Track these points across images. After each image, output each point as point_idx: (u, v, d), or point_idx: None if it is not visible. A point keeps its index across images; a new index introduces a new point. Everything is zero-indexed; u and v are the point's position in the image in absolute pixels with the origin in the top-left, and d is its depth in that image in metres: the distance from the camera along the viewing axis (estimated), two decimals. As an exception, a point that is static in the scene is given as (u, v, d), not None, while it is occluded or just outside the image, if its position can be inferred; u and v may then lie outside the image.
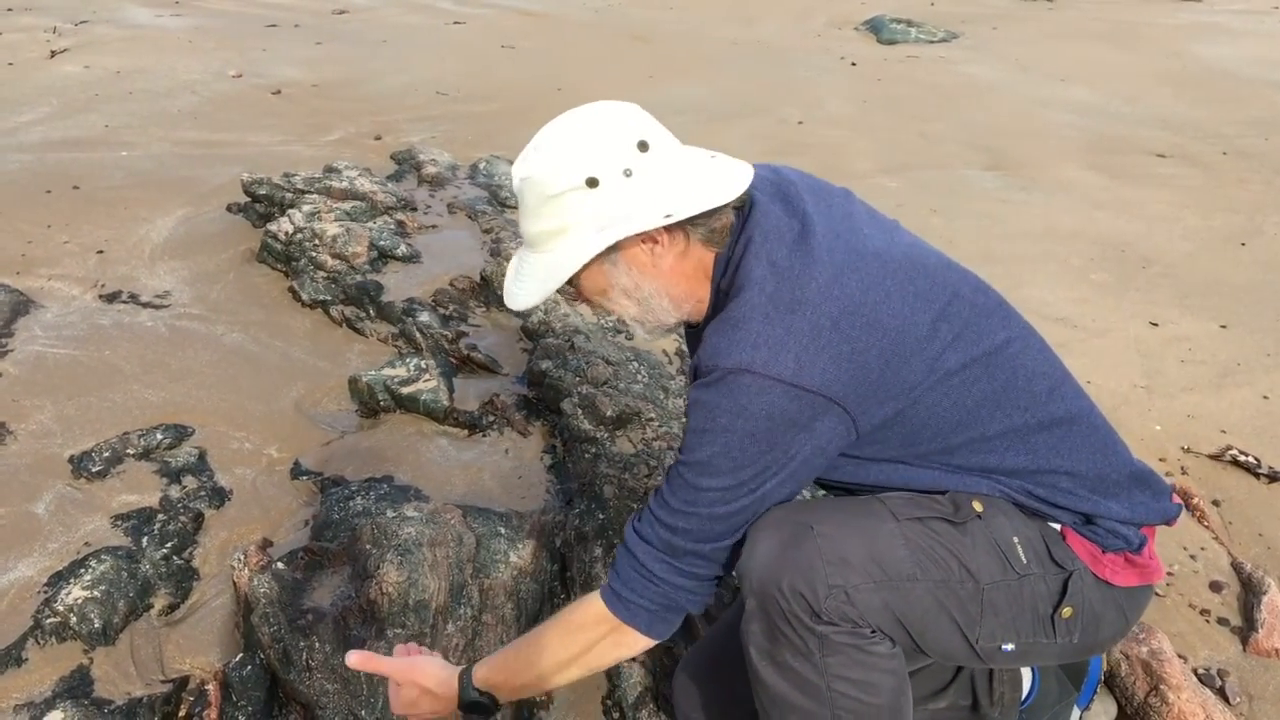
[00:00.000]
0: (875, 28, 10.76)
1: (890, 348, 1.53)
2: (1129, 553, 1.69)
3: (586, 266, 1.61)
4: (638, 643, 1.71)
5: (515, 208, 4.81)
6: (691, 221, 1.59)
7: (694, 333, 1.78)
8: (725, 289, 1.64)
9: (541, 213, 1.59)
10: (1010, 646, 1.66)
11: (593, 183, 1.53)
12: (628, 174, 1.54)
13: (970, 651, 1.65)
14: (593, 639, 1.71)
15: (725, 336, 1.53)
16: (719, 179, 1.59)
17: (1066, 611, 1.65)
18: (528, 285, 1.65)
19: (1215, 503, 3.07)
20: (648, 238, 1.59)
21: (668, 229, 1.58)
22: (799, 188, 1.71)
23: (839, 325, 1.51)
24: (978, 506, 1.64)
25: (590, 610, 1.71)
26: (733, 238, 1.64)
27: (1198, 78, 8.91)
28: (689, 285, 1.67)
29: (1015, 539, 1.64)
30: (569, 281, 1.65)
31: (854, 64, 9.30)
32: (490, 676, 1.78)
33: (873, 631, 1.57)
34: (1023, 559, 1.63)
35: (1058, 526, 1.69)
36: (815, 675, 1.56)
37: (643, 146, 1.56)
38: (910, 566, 1.57)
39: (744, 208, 1.65)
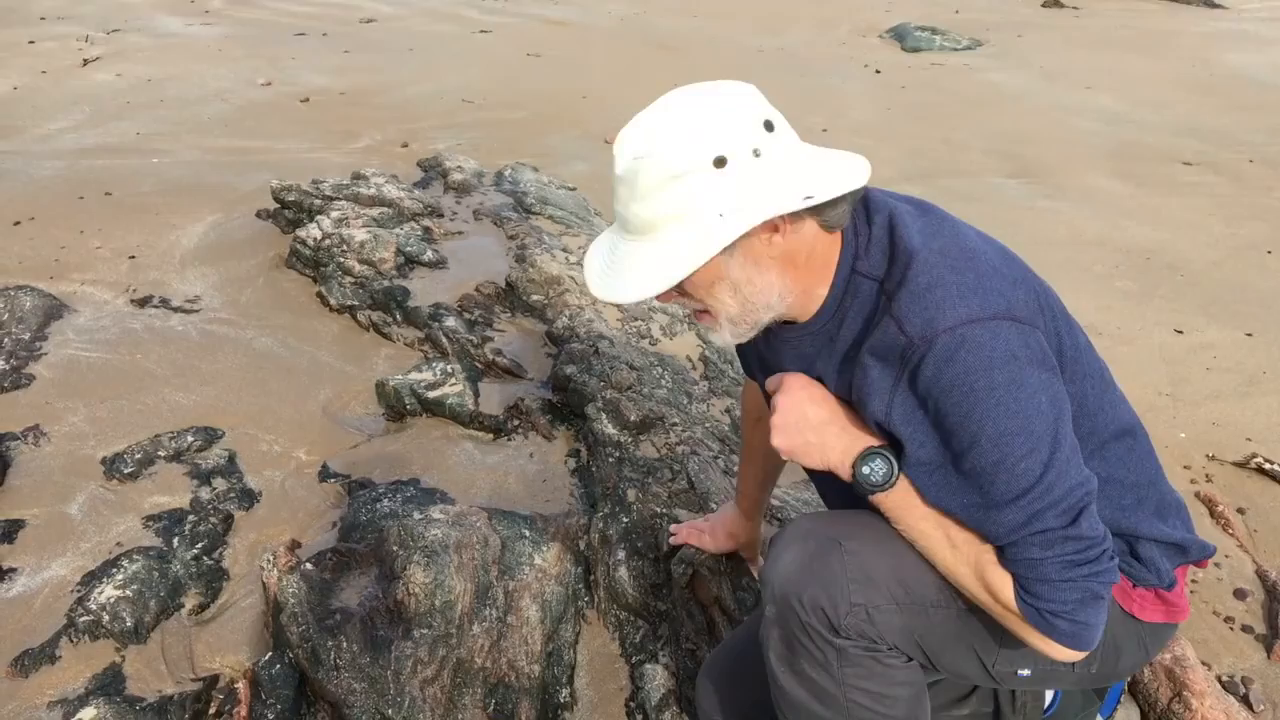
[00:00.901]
0: (900, 36, 10.77)
1: (1039, 301, 1.50)
2: (1160, 589, 1.67)
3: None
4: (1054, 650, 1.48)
5: (540, 213, 4.84)
6: (820, 208, 1.46)
7: (791, 332, 1.64)
8: (867, 272, 1.52)
9: (658, 196, 1.42)
10: (1026, 672, 1.66)
11: (720, 162, 1.39)
12: (756, 154, 1.41)
13: (985, 675, 1.65)
14: (1005, 616, 1.49)
15: (926, 301, 1.41)
16: (842, 162, 1.48)
17: None
18: (636, 276, 1.45)
19: (1240, 510, 3.06)
20: (769, 225, 1.44)
21: (792, 215, 1.44)
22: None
23: (1004, 269, 1.48)
24: None
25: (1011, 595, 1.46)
26: (858, 221, 1.55)
27: (1225, 85, 8.87)
28: (801, 275, 1.53)
29: None
30: None
31: (878, 72, 9.31)
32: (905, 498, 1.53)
33: (890, 648, 1.56)
34: None
35: None
36: (832, 685, 1.56)
37: (768, 126, 1.43)
38: (935, 593, 1.56)
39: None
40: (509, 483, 2.97)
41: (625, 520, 2.59)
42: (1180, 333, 4.22)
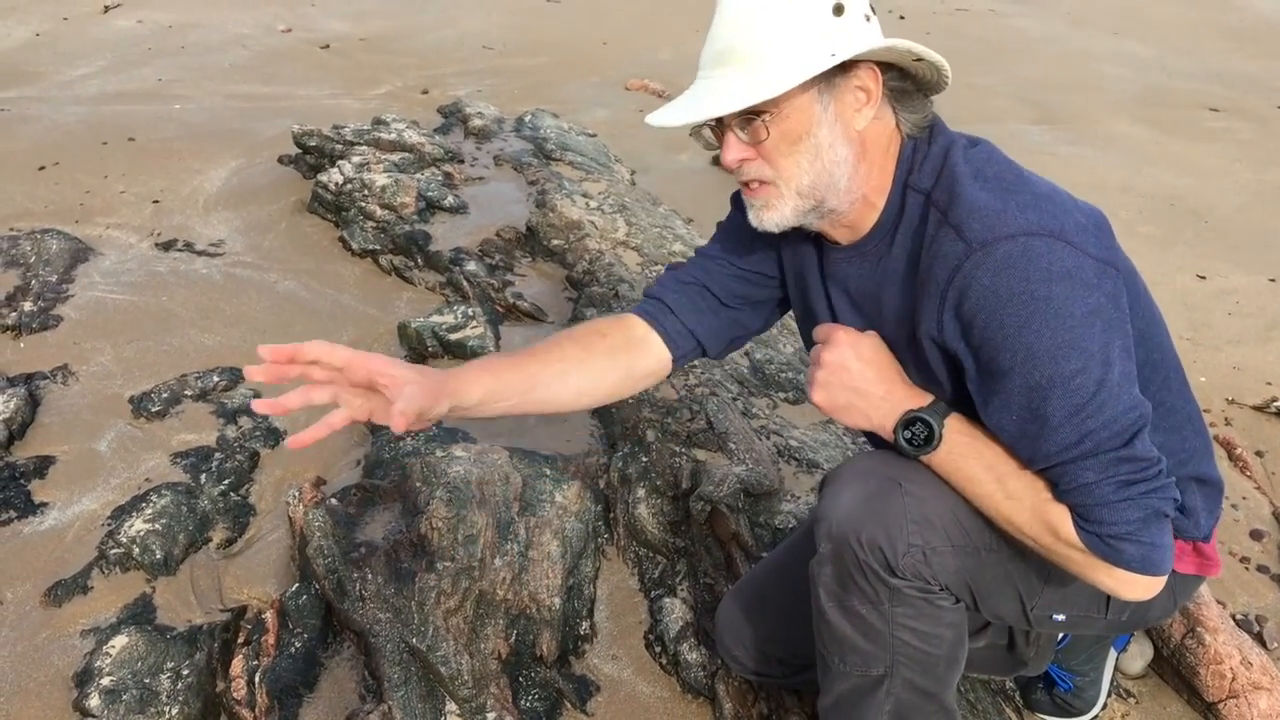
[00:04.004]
0: (924, -19, 10.61)
1: (1093, 228, 1.48)
2: (1199, 541, 1.69)
3: (802, 92, 1.45)
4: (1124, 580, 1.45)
5: (560, 159, 4.84)
6: (904, 98, 1.53)
7: (841, 253, 1.65)
8: (916, 185, 1.53)
9: (774, 21, 1.43)
10: (1061, 617, 1.68)
11: (839, 10, 1.44)
12: (867, 19, 1.48)
13: (1023, 618, 1.67)
14: (1071, 557, 1.47)
15: (986, 210, 1.42)
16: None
17: None
18: (729, 90, 1.44)
19: (1259, 453, 3.07)
20: (864, 86, 1.49)
21: (883, 90, 1.49)
22: None
23: (1055, 196, 1.48)
24: None
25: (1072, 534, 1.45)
26: (919, 140, 1.56)
27: (1254, 31, 8.73)
28: (874, 167, 1.55)
29: None
30: (759, 115, 1.46)
31: (902, 17, 9.19)
32: (963, 430, 1.53)
33: (941, 589, 1.57)
34: None
35: None
36: (881, 622, 1.57)
37: (873, 8, 1.52)
38: (990, 537, 1.57)
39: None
40: (530, 423, 2.99)
41: (644, 459, 2.62)
42: (1203, 278, 4.20)
